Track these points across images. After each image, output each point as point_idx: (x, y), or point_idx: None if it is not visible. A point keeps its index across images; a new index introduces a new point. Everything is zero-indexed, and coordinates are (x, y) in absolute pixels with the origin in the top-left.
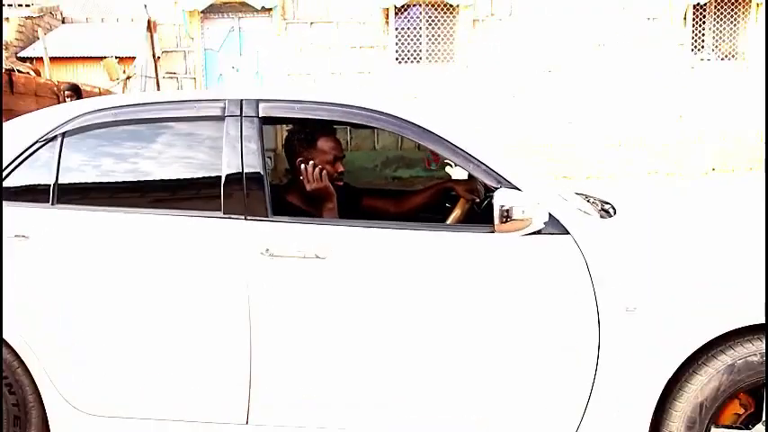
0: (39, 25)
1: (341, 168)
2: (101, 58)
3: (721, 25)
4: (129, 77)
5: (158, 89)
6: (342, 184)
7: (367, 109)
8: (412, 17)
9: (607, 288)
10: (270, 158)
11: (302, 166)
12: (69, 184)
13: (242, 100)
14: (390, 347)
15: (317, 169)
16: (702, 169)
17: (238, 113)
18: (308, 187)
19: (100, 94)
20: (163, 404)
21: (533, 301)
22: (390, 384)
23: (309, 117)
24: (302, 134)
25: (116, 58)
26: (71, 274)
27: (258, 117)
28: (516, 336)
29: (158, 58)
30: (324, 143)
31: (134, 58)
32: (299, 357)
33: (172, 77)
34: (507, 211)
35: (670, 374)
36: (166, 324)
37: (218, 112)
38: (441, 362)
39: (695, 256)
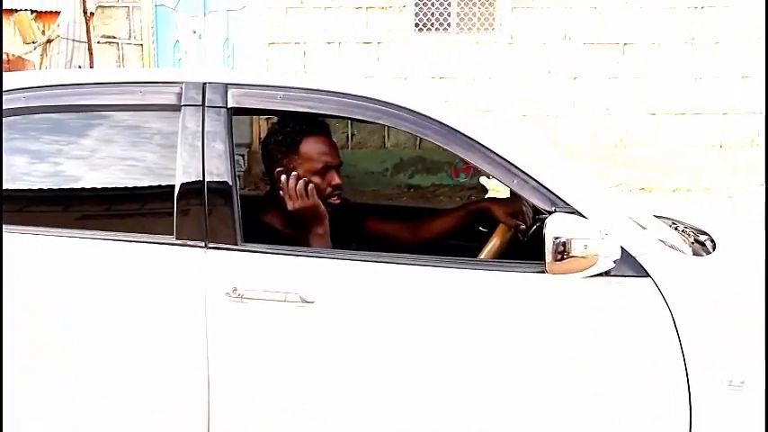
0: None
1: (336, 180)
2: (11, 12)
3: None
4: (49, 41)
5: (90, 58)
6: (339, 201)
7: (377, 101)
8: None
9: (702, 354)
10: (242, 156)
11: (282, 177)
12: None
13: (205, 83)
14: None
15: (300, 182)
16: None
17: (200, 102)
18: (290, 206)
19: (9, 62)
20: None
21: (597, 370)
22: None
23: (297, 110)
24: (280, 134)
25: (32, 12)
26: None
27: (227, 107)
28: (573, 421)
29: (91, 14)
30: (310, 146)
31: (58, 13)
32: None
33: (110, 43)
34: (564, 244)
35: None
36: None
37: (172, 100)
38: None
39: None
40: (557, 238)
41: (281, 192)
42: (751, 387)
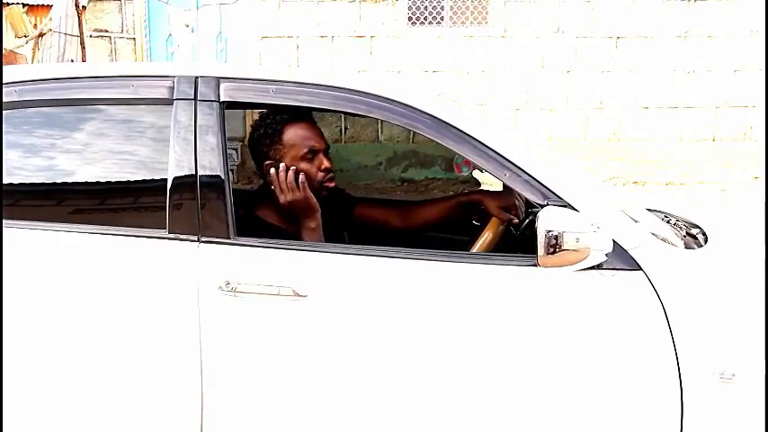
0: None
1: (326, 164)
2: (4, 5)
3: None
4: (41, 34)
5: (83, 52)
6: (333, 185)
7: (368, 94)
8: None
9: (693, 346)
10: (235, 150)
11: (271, 171)
12: None
13: (197, 77)
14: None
15: (290, 174)
16: None
17: (192, 96)
18: (282, 199)
19: (1, 55)
20: None
21: (589, 363)
22: None
23: (289, 104)
24: (262, 128)
25: (24, 6)
26: None
27: (219, 101)
28: (565, 414)
29: (83, 8)
30: (292, 134)
31: (50, 7)
32: None
33: (103, 37)
34: (556, 237)
35: None
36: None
37: (164, 94)
38: None
39: None
40: (549, 231)
41: (272, 186)
42: (742, 380)
